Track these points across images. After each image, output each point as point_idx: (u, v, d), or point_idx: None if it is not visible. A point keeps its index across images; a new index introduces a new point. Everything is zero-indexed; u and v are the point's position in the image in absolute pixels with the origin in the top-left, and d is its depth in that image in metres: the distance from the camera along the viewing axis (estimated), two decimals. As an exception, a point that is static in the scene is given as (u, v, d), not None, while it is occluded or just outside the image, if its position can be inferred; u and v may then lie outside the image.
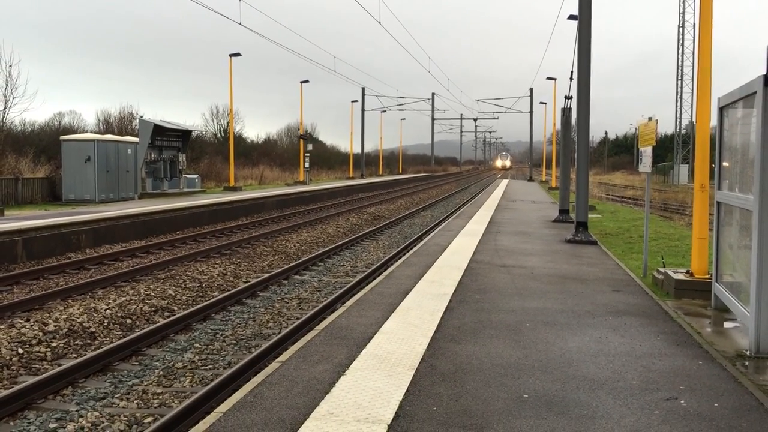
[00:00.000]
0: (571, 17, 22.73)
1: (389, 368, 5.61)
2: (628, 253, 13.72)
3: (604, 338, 6.70)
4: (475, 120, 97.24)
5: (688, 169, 56.40)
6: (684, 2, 57.88)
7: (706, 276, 8.99)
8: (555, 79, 44.83)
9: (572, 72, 16.60)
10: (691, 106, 56.22)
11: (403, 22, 36.39)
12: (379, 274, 10.99)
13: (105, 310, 9.62)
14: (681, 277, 9.20)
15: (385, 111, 72.06)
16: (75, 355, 7.91)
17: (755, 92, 6.42)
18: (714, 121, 8.60)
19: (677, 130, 61.84)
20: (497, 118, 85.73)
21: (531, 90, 69.17)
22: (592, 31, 15.16)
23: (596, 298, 8.69)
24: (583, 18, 15.11)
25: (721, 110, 8.05)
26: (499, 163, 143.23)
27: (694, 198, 9.47)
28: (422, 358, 5.91)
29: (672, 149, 62.79)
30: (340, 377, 5.38)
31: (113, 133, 35.20)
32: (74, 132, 37.36)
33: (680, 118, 61.55)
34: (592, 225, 16.98)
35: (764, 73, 6.20)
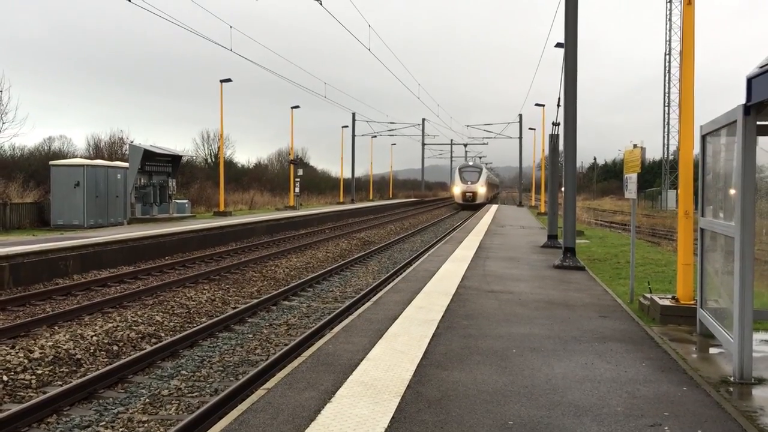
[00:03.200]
0: (558, 45, 23.00)
1: (375, 395, 5.61)
2: (615, 278, 13.79)
3: (590, 364, 6.73)
4: (465, 145, 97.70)
5: (676, 194, 56.67)
6: (670, 30, 58.81)
7: (692, 302, 9.05)
8: (543, 105, 45.37)
9: (559, 99, 16.78)
10: (679, 132, 56.75)
11: (392, 49, 36.74)
12: (368, 300, 10.99)
13: (91, 336, 9.56)
14: (666, 303, 9.26)
15: (375, 136, 72.47)
16: (60, 383, 7.85)
17: (736, 121, 6.53)
18: (697, 148, 8.72)
19: (665, 156, 62.40)
20: (487, 144, 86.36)
21: (520, 116, 69.82)
22: (578, 58, 15.35)
23: (583, 324, 8.73)
24: (570, 45, 15.31)
25: (704, 138, 8.16)
26: (457, 189, 62.27)
27: (678, 224, 9.56)
28: (408, 385, 5.91)
29: (660, 175, 63.28)
30: (326, 404, 5.37)
31: (103, 159, 35.15)
32: (64, 157, 37.33)
33: (668, 144, 62.14)
34: (580, 250, 17.06)
35: (744, 102, 6.32)
